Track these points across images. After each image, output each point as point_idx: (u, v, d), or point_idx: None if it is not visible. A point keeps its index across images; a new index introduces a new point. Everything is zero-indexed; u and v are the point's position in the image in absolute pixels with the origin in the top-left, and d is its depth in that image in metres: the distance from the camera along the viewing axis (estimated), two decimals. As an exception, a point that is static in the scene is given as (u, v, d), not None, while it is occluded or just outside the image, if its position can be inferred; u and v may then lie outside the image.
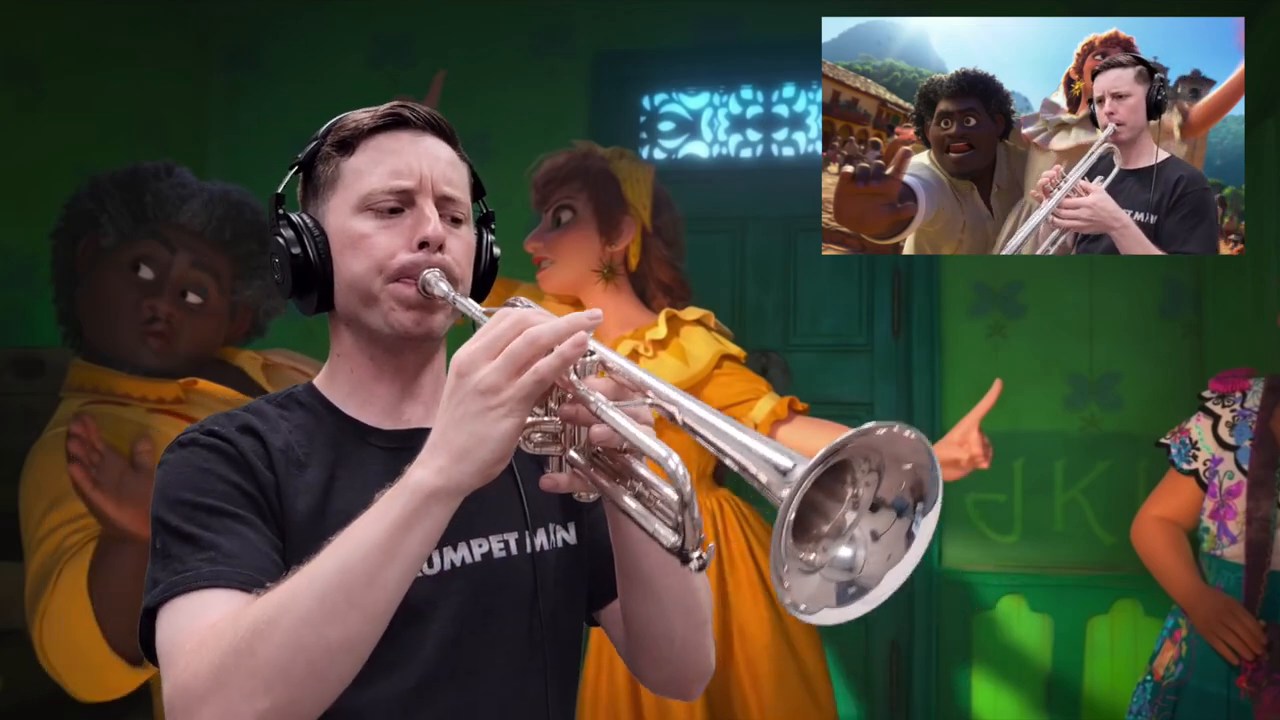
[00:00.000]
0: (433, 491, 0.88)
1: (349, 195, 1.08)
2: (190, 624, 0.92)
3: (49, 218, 2.30)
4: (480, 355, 0.89)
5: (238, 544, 0.97)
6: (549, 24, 3.50)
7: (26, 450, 2.15)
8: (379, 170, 1.07)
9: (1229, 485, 2.03)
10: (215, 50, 3.64)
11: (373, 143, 1.09)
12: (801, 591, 0.80)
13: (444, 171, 1.10)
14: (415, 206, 1.08)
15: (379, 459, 1.08)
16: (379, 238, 1.07)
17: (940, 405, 3.28)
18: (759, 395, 2.20)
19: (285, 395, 1.15)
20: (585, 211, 2.28)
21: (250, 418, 1.07)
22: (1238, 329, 2.92)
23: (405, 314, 1.07)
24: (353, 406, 1.12)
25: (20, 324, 2.86)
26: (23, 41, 2.90)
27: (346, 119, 1.11)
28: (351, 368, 1.13)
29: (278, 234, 1.09)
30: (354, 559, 0.87)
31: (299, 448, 1.07)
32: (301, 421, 1.10)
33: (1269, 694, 1.91)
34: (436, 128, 1.12)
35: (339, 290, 1.10)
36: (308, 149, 1.12)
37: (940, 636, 3.25)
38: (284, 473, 1.04)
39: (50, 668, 2.07)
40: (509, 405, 0.87)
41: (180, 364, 2.25)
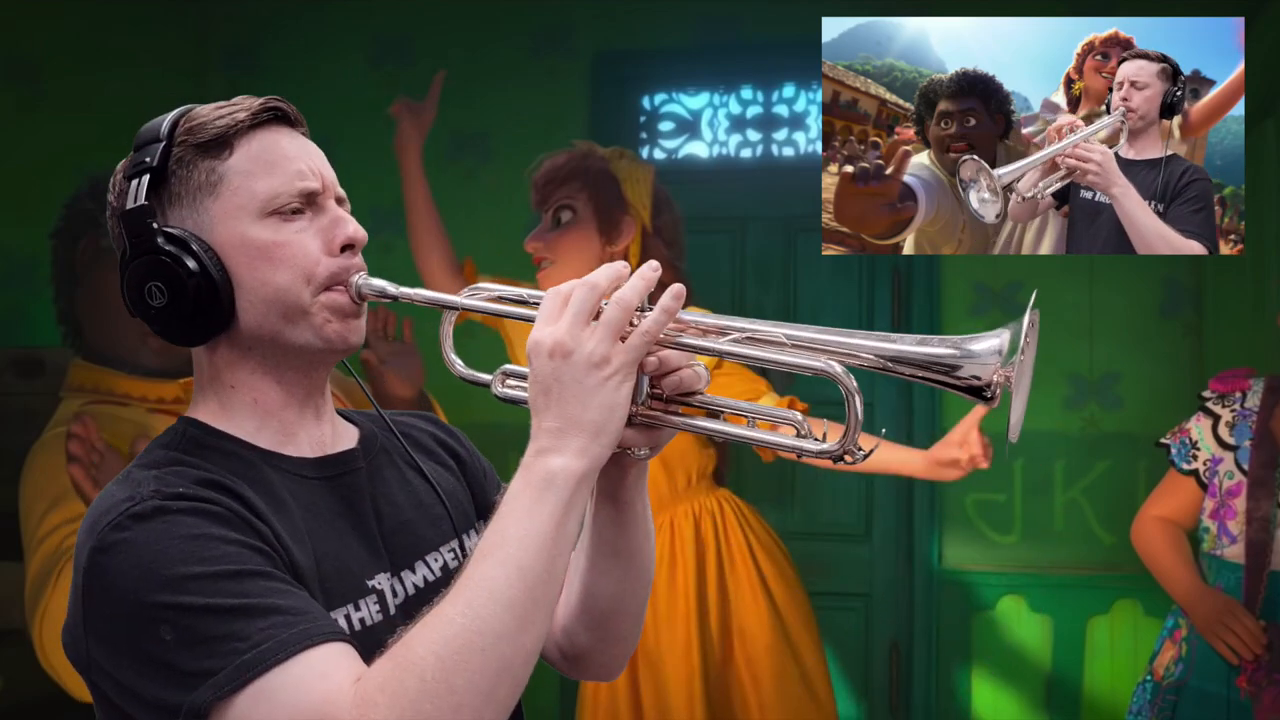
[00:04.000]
0: (583, 475, 0.87)
1: (241, 200, 0.95)
2: (313, 691, 0.79)
3: (49, 218, 2.30)
4: (576, 329, 0.87)
5: (299, 600, 0.85)
6: (549, 24, 3.50)
7: (26, 450, 2.15)
8: (278, 172, 0.97)
9: (1229, 485, 2.03)
10: (215, 50, 3.64)
11: (255, 139, 0.97)
12: None
13: (331, 171, 1.02)
14: (317, 206, 0.99)
15: (325, 493, 1.00)
16: (297, 246, 0.96)
17: (940, 405, 3.28)
18: (759, 395, 2.20)
19: (173, 459, 0.94)
20: (585, 211, 2.28)
21: (190, 471, 0.91)
22: (1238, 329, 2.92)
23: (340, 324, 0.98)
24: (269, 441, 0.99)
25: (20, 324, 2.86)
26: (23, 41, 2.90)
27: (201, 116, 0.98)
28: (255, 398, 1.00)
29: (161, 255, 0.94)
30: (528, 560, 0.83)
31: (256, 500, 0.94)
32: (226, 468, 0.94)
33: (1269, 694, 1.91)
34: (302, 122, 1.04)
35: (248, 309, 0.96)
36: (157, 153, 0.96)
37: (940, 636, 3.25)
38: (272, 517, 0.91)
39: (50, 668, 2.07)
40: (624, 371, 0.87)
41: (180, 364, 2.23)
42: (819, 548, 3.30)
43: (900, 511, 3.36)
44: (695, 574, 2.23)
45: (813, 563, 2.99)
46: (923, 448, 2.10)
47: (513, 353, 2.36)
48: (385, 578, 1.00)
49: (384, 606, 0.98)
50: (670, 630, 2.21)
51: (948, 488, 3.19)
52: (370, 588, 0.98)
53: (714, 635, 2.22)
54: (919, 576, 3.30)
